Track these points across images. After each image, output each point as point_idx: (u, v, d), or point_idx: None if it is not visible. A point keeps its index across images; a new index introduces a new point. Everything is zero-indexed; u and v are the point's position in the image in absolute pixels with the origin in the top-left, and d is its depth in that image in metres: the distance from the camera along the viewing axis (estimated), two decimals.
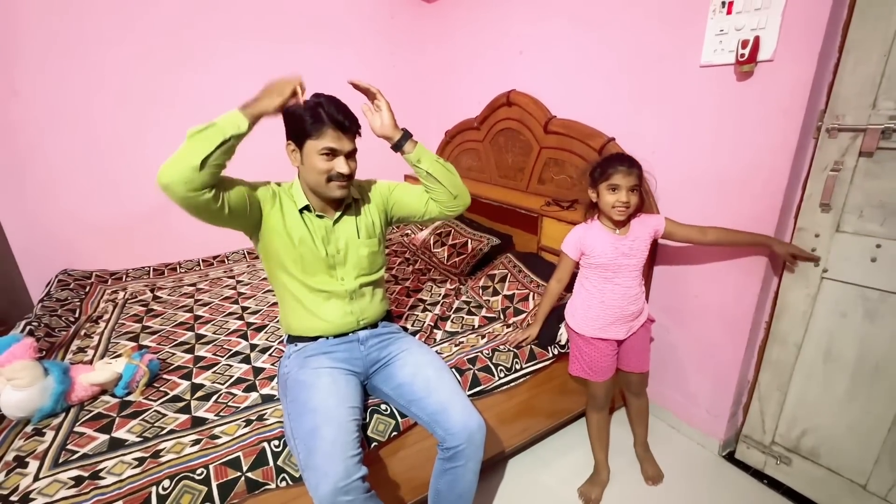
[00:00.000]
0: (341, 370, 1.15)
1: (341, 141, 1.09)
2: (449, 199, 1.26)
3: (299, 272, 1.19)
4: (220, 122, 0.96)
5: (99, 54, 2.00)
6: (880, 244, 1.17)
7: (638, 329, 1.43)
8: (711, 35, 1.35)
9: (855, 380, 1.28)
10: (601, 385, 1.44)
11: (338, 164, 1.10)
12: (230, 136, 0.96)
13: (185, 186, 0.93)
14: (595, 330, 1.40)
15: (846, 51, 1.16)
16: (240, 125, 0.97)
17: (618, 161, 1.29)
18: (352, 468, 0.93)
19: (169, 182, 0.92)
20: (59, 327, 1.61)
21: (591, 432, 1.52)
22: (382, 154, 1.20)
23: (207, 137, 0.94)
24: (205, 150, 0.93)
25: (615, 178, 1.27)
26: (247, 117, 0.98)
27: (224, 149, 0.96)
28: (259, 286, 2.06)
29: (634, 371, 1.47)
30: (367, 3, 2.60)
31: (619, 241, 1.34)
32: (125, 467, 1.00)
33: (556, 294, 1.48)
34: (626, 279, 1.36)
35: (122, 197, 2.17)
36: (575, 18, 1.81)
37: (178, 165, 0.92)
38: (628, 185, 1.27)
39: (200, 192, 0.95)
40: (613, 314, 1.38)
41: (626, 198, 1.27)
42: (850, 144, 1.19)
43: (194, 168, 0.92)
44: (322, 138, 1.07)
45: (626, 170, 1.27)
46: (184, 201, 0.95)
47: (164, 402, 1.24)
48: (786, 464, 1.46)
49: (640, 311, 1.42)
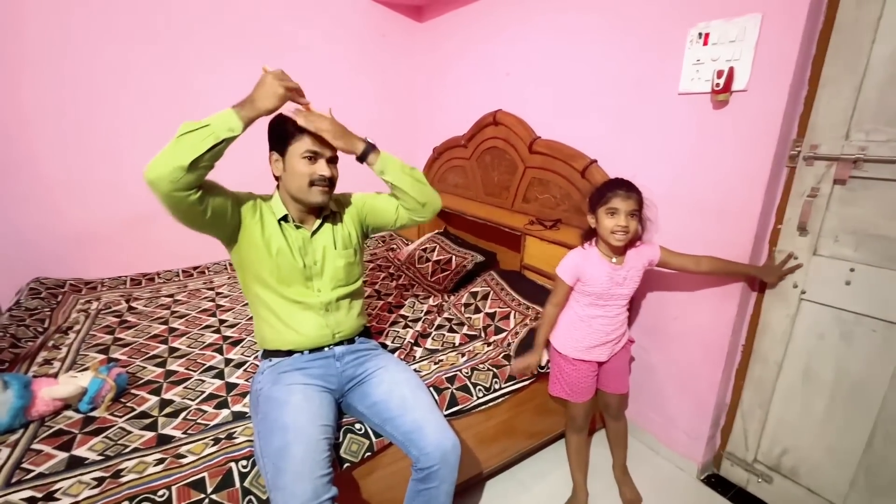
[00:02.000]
0: (315, 387, 1.13)
1: (322, 145, 1.12)
2: (417, 207, 1.27)
3: (275, 282, 1.18)
4: (213, 122, 0.95)
5: (79, 62, 1.98)
6: (854, 268, 1.20)
7: (619, 350, 1.43)
8: (689, 64, 1.40)
9: (833, 400, 1.29)
10: (581, 406, 1.43)
11: (319, 166, 1.12)
12: (222, 139, 0.95)
13: (172, 185, 0.92)
14: (578, 352, 1.40)
15: (821, 85, 1.21)
16: (233, 127, 0.96)
17: (616, 185, 1.27)
18: (321, 489, 0.91)
19: (155, 178, 0.91)
20: (26, 338, 1.56)
21: (569, 453, 1.51)
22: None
23: (199, 138, 0.93)
24: (195, 151, 0.92)
25: (614, 202, 1.25)
26: (241, 119, 0.97)
27: (215, 151, 0.95)
28: (238, 299, 2.03)
29: (614, 392, 1.46)
30: (358, 21, 2.63)
31: (615, 270, 1.32)
32: (82, 488, 0.95)
33: (554, 318, 1.44)
34: (615, 308, 1.37)
35: (101, 204, 2.14)
36: (560, 43, 1.86)
37: (166, 163, 0.91)
38: (627, 209, 1.24)
39: (186, 192, 0.95)
40: (598, 338, 1.38)
41: (625, 222, 1.24)
42: (825, 172, 1.23)
43: (182, 168, 0.91)
44: (303, 141, 1.10)
45: (624, 194, 1.25)
46: (168, 199, 0.94)
47: (129, 419, 1.20)
48: (767, 482, 1.46)
49: (623, 334, 1.43)
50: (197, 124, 0.94)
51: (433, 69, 2.78)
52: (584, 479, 1.49)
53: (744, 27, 1.25)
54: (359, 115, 2.68)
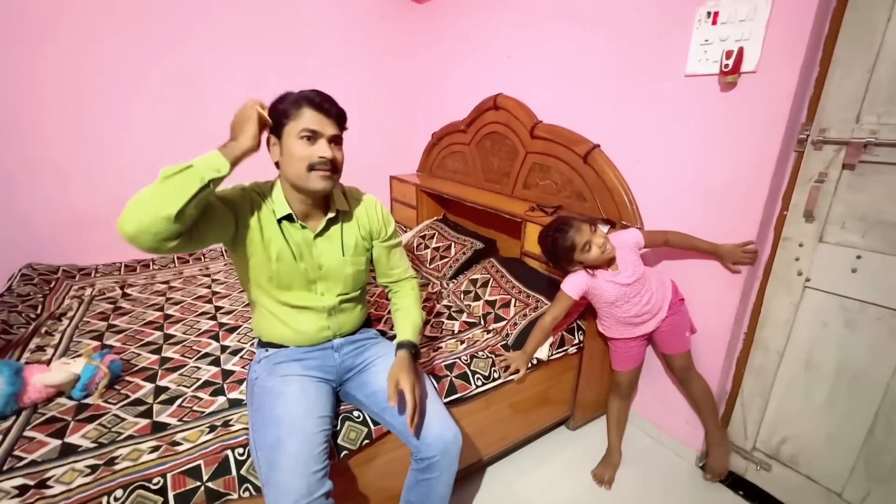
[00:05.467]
0: (312, 378, 1.10)
1: (322, 122, 0.99)
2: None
3: (274, 288, 1.10)
4: (197, 164, 0.86)
5: (76, 46, 1.93)
6: (860, 255, 1.18)
7: (667, 316, 1.43)
8: (696, 45, 1.35)
9: (834, 389, 1.28)
10: (624, 374, 1.52)
11: (319, 147, 0.98)
12: (209, 180, 0.86)
13: (155, 238, 0.82)
14: (619, 334, 1.47)
15: (832, 66, 1.17)
16: (219, 168, 0.88)
17: (560, 234, 1.33)
18: (314, 484, 0.89)
19: (136, 233, 0.80)
20: (18, 324, 1.53)
21: (609, 417, 1.61)
22: (367, 157, 1.16)
23: (183, 182, 0.83)
24: (181, 198, 0.82)
25: (579, 240, 1.31)
26: (227, 158, 0.90)
27: (203, 195, 0.86)
28: (235, 286, 2.00)
29: (672, 353, 1.47)
30: (356, 3, 2.56)
31: (616, 276, 1.38)
32: (76, 475, 0.93)
33: (549, 330, 1.44)
34: (636, 297, 1.39)
35: (96, 189, 2.09)
36: (562, 24, 1.81)
37: (148, 214, 0.80)
38: (588, 232, 1.32)
39: (173, 241, 0.85)
40: (632, 321, 1.42)
41: (600, 239, 1.32)
42: (833, 157, 1.20)
43: (167, 219, 0.81)
44: (300, 119, 0.97)
45: (574, 230, 1.31)
46: (151, 250, 0.84)
47: (124, 406, 1.18)
48: (766, 470, 1.46)
49: (661, 302, 1.43)
50: (179, 167, 0.84)
51: (432, 52, 2.71)
52: (620, 441, 1.59)
53: (755, 6, 1.21)
54: (356, 99, 2.65)
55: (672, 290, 1.46)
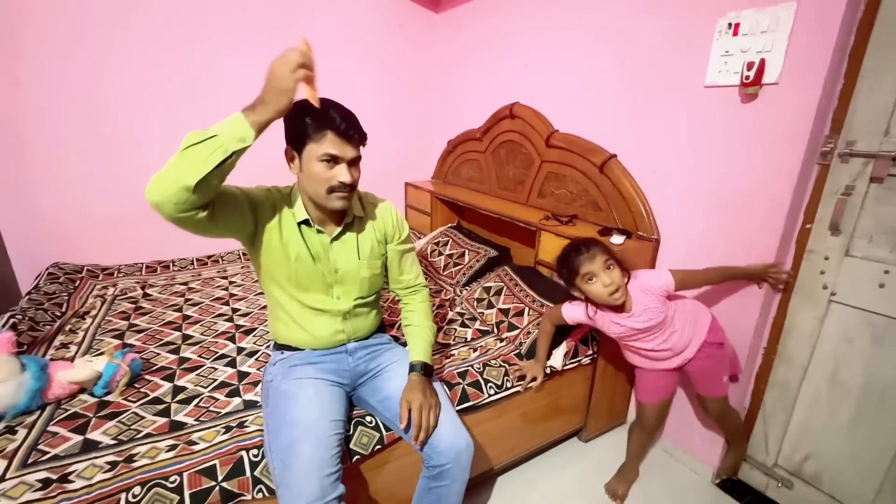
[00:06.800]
0: (326, 381, 1.11)
1: (344, 147, 0.98)
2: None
3: (293, 288, 1.12)
4: (221, 133, 0.82)
5: (101, 46, 1.99)
6: (888, 270, 1.15)
7: (696, 354, 1.32)
8: (717, 56, 1.34)
9: (860, 406, 1.25)
10: (647, 406, 1.43)
11: (339, 172, 0.99)
12: (232, 151, 0.83)
13: (176, 207, 0.82)
14: (640, 364, 1.40)
15: (860, 78, 1.15)
16: (244, 136, 0.84)
17: (574, 252, 1.23)
18: (328, 487, 0.89)
19: (159, 201, 0.81)
20: (44, 321, 1.58)
21: (629, 445, 1.56)
22: (383, 164, 1.17)
23: (206, 152, 0.81)
24: (202, 168, 0.81)
25: (584, 268, 1.20)
26: (252, 126, 0.85)
27: (226, 165, 0.84)
28: (252, 288, 2.03)
29: (705, 395, 1.37)
30: (375, 11, 2.61)
31: (626, 319, 1.26)
32: (96, 471, 0.96)
33: (551, 333, 1.42)
34: (648, 335, 1.29)
35: (120, 191, 2.15)
36: (579, 33, 1.81)
37: (170, 183, 0.80)
38: (601, 266, 1.20)
39: (193, 212, 0.85)
40: (649, 355, 1.34)
41: (609, 279, 1.19)
42: (861, 170, 1.18)
43: (188, 188, 0.80)
44: (323, 143, 0.96)
45: (587, 255, 1.20)
46: (174, 220, 0.85)
47: (143, 404, 1.21)
48: (787, 487, 1.42)
49: (688, 341, 1.31)
50: (202, 135, 0.82)
51: (449, 60, 2.74)
52: (640, 460, 1.55)
53: (777, 17, 1.20)
54: (373, 106, 2.69)
55: (709, 330, 1.32)
